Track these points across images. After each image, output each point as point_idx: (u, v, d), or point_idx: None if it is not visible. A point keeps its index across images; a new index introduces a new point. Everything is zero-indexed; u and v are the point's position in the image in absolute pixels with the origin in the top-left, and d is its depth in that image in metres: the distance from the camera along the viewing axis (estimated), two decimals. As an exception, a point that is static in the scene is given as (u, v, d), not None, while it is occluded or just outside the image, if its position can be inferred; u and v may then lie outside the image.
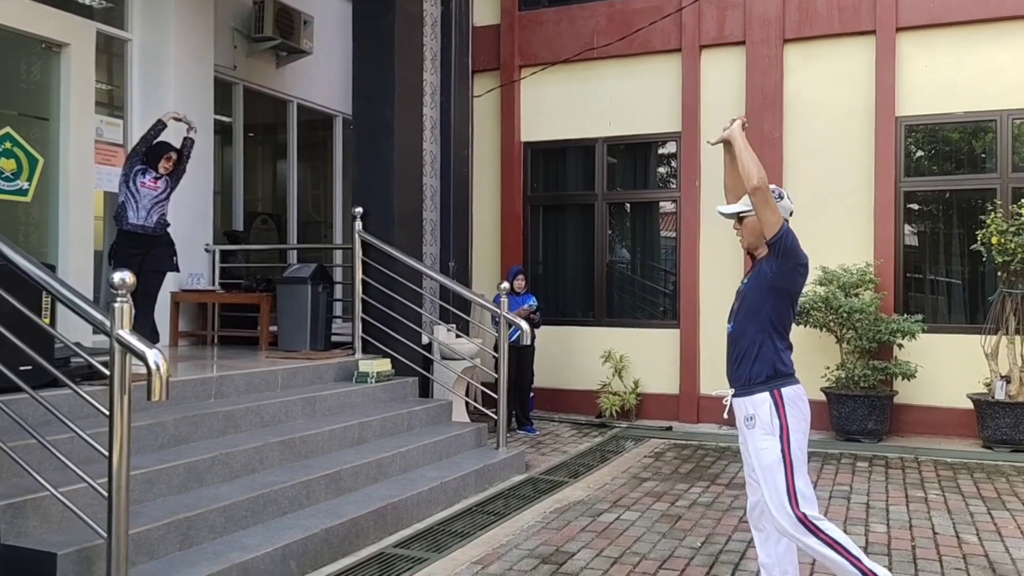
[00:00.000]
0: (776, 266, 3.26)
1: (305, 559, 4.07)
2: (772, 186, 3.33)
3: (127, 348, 3.22)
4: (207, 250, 7.85)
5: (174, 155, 5.97)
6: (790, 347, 3.36)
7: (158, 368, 3.16)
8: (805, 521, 3.16)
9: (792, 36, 8.41)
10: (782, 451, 3.20)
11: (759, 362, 3.28)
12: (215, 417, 4.85)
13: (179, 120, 6.10)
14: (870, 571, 3.08)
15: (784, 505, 3.18)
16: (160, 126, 6.02)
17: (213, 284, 7.86)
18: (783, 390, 3.25)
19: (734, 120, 3.47)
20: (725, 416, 3.58)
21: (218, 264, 7.95)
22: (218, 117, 8.36)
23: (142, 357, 3.16)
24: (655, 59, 9.00)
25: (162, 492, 4.07)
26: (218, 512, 3.99)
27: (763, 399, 3.25)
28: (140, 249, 5.76)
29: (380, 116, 6.96)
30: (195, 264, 7.66)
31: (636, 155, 9.40)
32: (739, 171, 3.28)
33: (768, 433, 3.23)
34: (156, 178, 5.89)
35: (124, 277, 3.24)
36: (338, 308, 8.09)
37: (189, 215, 7.48)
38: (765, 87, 8.39)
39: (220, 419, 4.88)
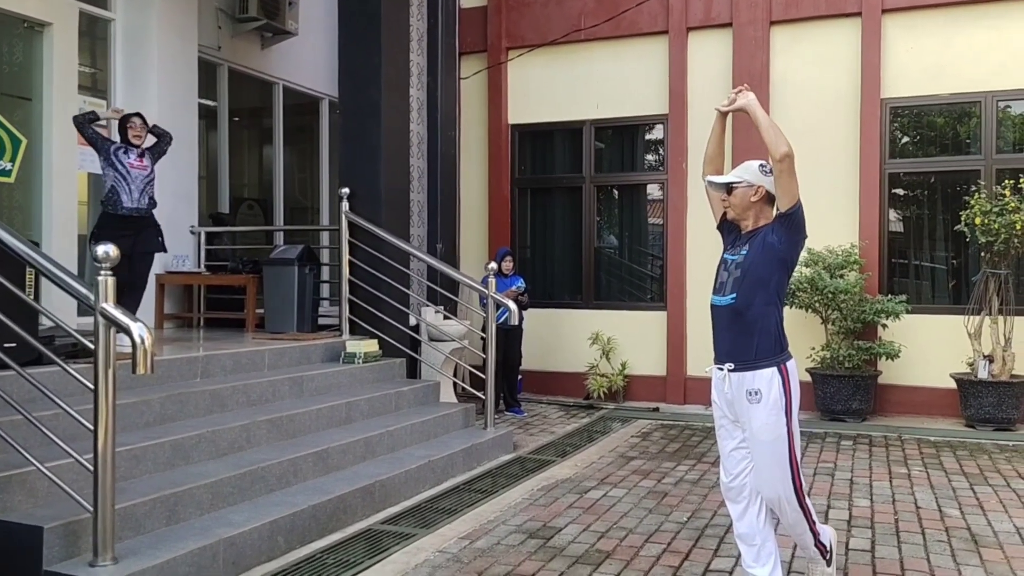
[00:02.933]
0: (786, 238, 3.23)
1: (293, 535, 4.08)
2: (762, 161, 3.33)
3: (112, 322, 3.21)
4: (192, 232, 7.81)
5: (137, 119, 5.84)
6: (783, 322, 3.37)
7: (143, 341, 3.16)
8: (800, 491, 3.25)
9: (779, 18, 8.42)
10: (787, 425, 3.21)
11: (766, 336, 3.22)
12: (201, 396, 4.84)
13: (118, 113, 5.99)
14: (819, 535, 3.37)
15: (787, 477, 3.24)
16: (92, 115, 5.91)
17: (199, 266, 7.82)
18: (787, 364, 3.24)
19: (740, 89, 3.37)
20: (709, 371, 3.51)
21: (203, 246, 7.91)
22: (203, 101, 8.30)
23: (127, 330, 3.15)
24: (642, 41, 8.99)
25: (148, 469, 4.07)
26: (205, 489, 3.99)
27: (772, 373, 3.20)
28: (130, 231, 5.71)
29: (367, 97, 6.92)
30: (180, 246, 7.62)
31: (623, 138, 9.41)
32: (763, 139, 3.19)
33: (775, 407, 3.20)
34: (140, 155, 5.83)
35: (108, 250, 3.22)
36: (325, 290, 8.06)
37: (173, 196, 7.43)
38: (752, 69, 8.39)
39: (206, 398, 4.87)
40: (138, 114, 5.95)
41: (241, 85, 9.18)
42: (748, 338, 3.23)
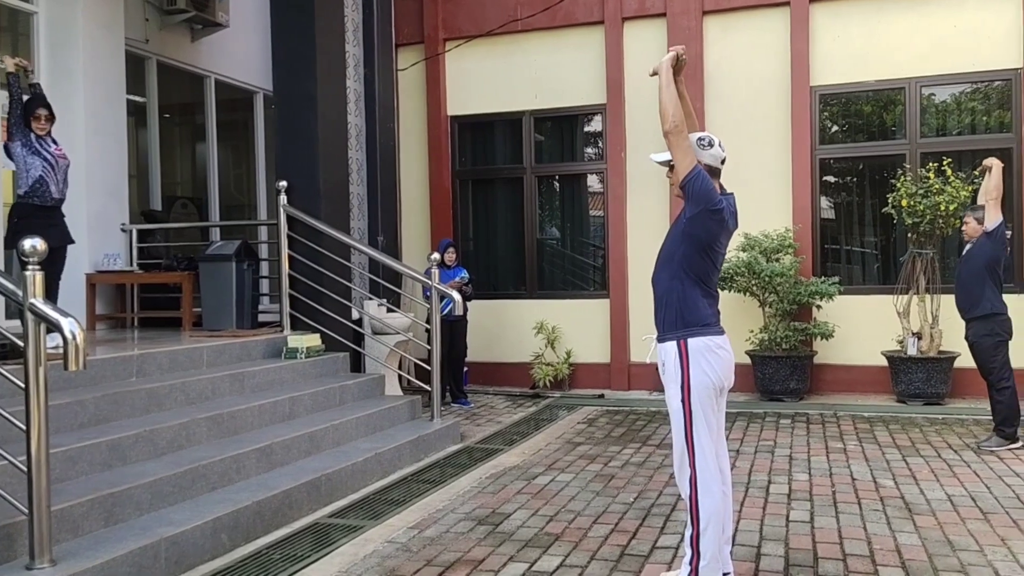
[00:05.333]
0: (688, 211, 3.21)
1: (237, 531, 4.01)
2: (703, 134, 3.32)
3: (41, 318, 3.11)
4: (123, 229, 7.58)
5: (44, 111, 5.54)
6: (708, 296, 3.26)
7: (74, 337, 3.06)
8: (693, 476, 3.20)
9: (711, 8, 8.57)
10: (682, 401, 3.20)
11: (668, 310, 3.25)
12: (137, 395, 4.71)
13: (20, 66, 5.62)
14: (700, 537, 3.20)
15: (683, 453, 3.24)
16: (13, 79, 5.54)
17: (131, 264, 7.60)
18: (689, 340, 3.18)
19: (673, 49, 3.34)
20: (647, 360, 3.60)
21: (135, 244, 7.69)
22: (131, 97, 8.06)
23: (57, 326, 3.05)
24: (579, 32, 9.05)
25: (84, 470, 3.95)
26: (144, 488, 3.89)
27: (671, 347, 3.23)
28: (55, 222, 5.51)
29: (302, 88, 6.82)
30: (111, 244, 7.39)
31: (563, 128, 9.46)
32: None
33: (672, 381, 3.23)
34: (55, 143, 5.60)
35: (35, 244, 3.12)
36: (265, 286, 7.92)
37: (103, 192, 7.22)
38: (686, 59, 8.49)
39: (143, 397, 4.74)
40: (46, 105, 5.67)
41: (171, 79, 8.94)
42: (658, 312, 3.32)
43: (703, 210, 3.17)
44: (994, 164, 5.89)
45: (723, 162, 3.36)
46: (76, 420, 4.31)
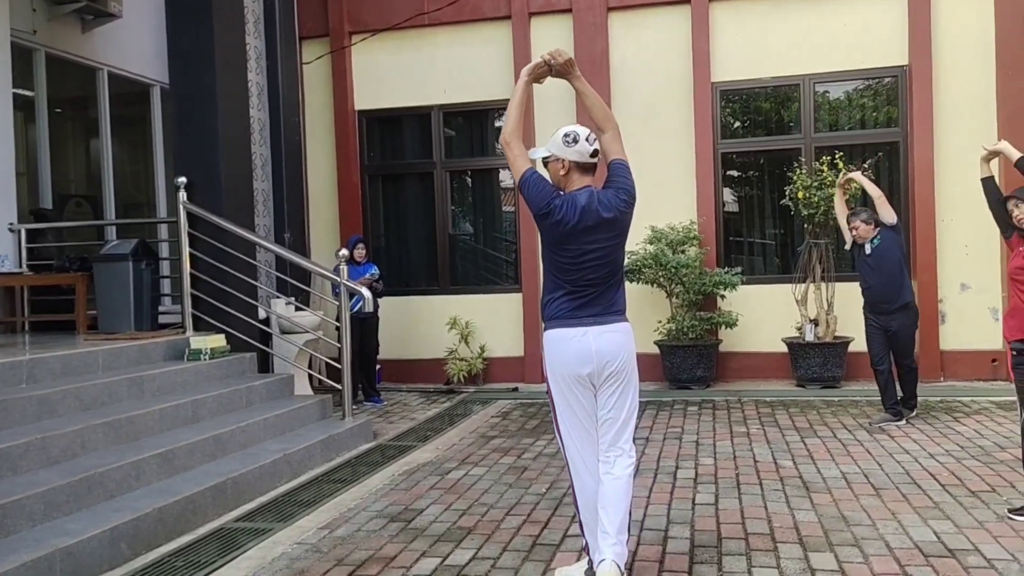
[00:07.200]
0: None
1: (137, 540, 3.87)
2: (569, 129, 3.26)
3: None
4: (11, 230, 7.18)
5: None
6: (563, 290, 3.24)
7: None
8: (564, 452, 3.38)
9: (616, 5, 8.71)
10: (548, 390, 3.34)
11: (541, 306, 3.40)
12: (28, 402, 4.48)
13: None
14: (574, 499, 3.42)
15: (557, 435, 3.39)
16: None
17: (20, 266, 7.21)
18: (546, 333, 3.30)
19: (540, 57, 3.33)
20: None
21: (24, 245, 7.29)
22: (18, 91, 7.63)
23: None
24: (487, 26, 9.06)
25: (-31, 483, 3.73)
26: (36, 498, 3.71)
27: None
28: None
29: (200, 81, 6.61)
30: (-2, 245, 7.01)
31: (473, 123, 9.46)
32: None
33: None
34: None
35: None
36: (167, 286, 7.65)
37: (-14, 191, 6.83)
38: (592, 54, 8.64)
39: (34, 403, 4.51)
40: None
41: (61, 72, 8.50)
42: None
43: (534, 214, 3.24)
44: (854, 175, 6.60)
45: (594, 155, 3.26)
46: (-42, 430, 4.07)
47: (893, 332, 6.20)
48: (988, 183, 4.51)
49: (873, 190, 6.36)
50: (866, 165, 7.73)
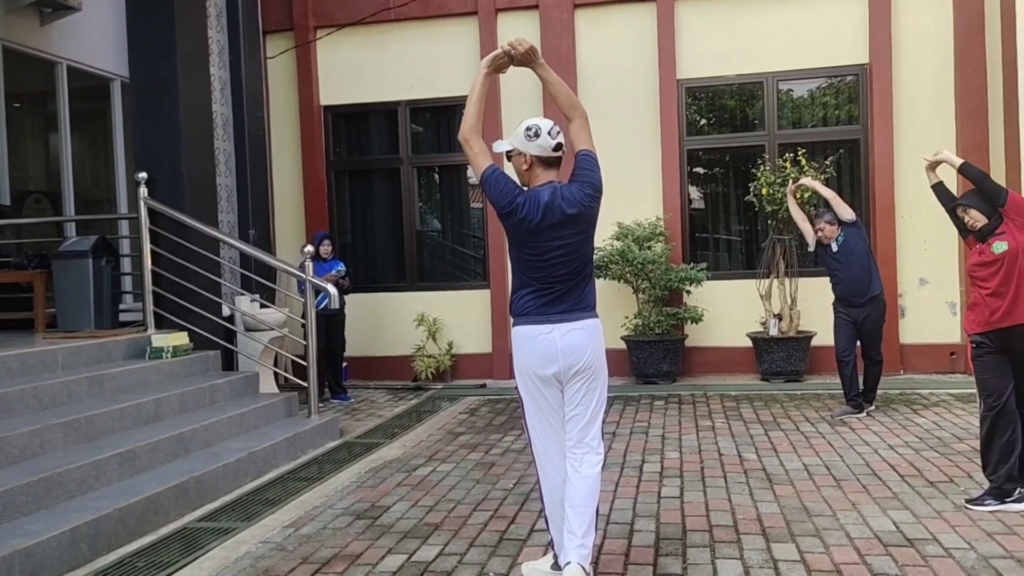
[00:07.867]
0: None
1: (98, 541, 3.81)
2: (532, 122, 3.21)
3: None
4: (-33, 226, 7.04)
5: None
6: (529, 287, 3.22)
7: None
8: (532, 448, 3.39)
9: (582, 1, 8.72)
10: (516, 386, 3.35)
11: (509, 302, 3.37)
12: (-16, 402, 4.39)
13: None
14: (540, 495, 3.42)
15: (525, 429, 3.40)
16: None
17: (-24, 264, 7.06)
18: (513, 329, 3.29)
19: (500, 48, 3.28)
20: None
21: (-20, 242, 7.15)
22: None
23: None
24: (453, 22, 9.03)
25: (-78, 485, 3.65)
26: (-8, 500, 3.64)
27: None
28: None
29: (161, 74, 6.51)
30: (-48, 243, 6.84)
31: (440, 119, 9.42)
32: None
33: None
34: None
35: None
36: (129, 284, 7.52)
37: (-60, 187, 6.66)
38: (559, 50, 8.65)
39: (-10, 404, 4.43)
40: None
41: (19, 66, 8.31)
42: None
43: (497, 212, 3.21)
44: (804, 181, 6.84)
45: (557, 148, 3.20)
46: (-89, 432, 3.97)
47: (863, 324, 6.33)
48: (938, 188, 4.59)
49: (825, 191, 6.58)
50: (828, 163, 7.84)
